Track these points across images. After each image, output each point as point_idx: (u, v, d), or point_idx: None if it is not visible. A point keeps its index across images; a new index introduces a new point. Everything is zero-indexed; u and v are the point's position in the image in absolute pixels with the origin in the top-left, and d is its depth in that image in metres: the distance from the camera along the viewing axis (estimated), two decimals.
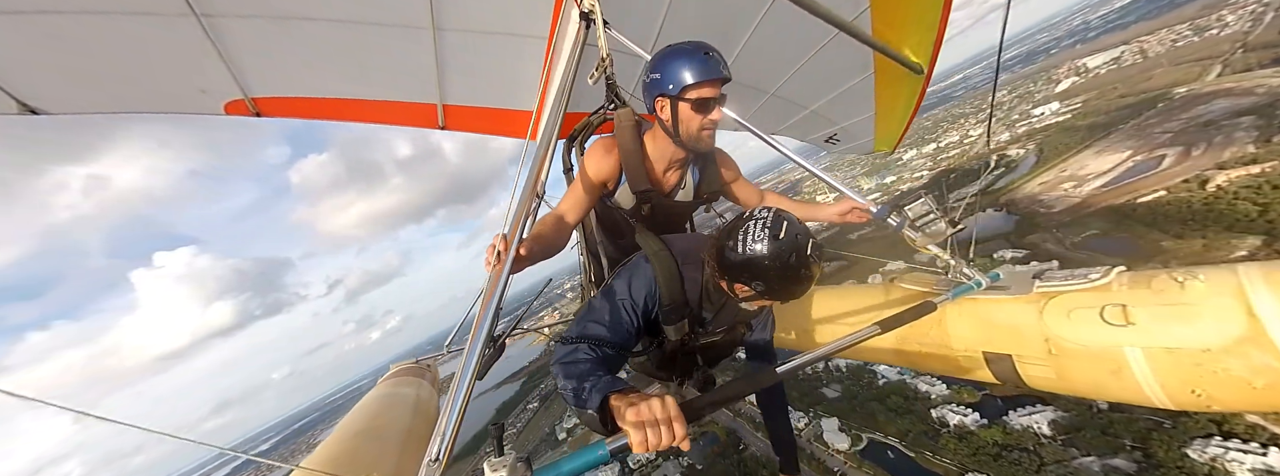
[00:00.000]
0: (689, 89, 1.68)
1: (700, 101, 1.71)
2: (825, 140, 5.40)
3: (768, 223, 1.39)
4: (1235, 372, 1.31)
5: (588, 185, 1.94)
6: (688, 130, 1.78)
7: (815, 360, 1.44)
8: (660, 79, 1.71)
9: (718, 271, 1.51)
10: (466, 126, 3.62)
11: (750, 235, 1.39)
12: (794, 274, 1.39)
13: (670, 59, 1.71)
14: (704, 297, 1.75)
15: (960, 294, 1.90)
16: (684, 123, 1.76)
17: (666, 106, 1.76)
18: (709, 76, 1.67)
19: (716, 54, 1.70)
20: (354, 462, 2.10)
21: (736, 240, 1.41)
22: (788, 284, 1.42)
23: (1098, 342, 1.57)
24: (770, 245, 1.36)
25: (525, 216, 1.59)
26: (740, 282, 1.46)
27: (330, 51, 2.65)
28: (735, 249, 1.41)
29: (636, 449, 0.98)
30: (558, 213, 1.90)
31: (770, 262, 1.37)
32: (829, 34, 3.38)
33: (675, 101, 1.72)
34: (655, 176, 1.99)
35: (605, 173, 1.94)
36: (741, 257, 1.40)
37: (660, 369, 2.08)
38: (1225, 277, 1.41)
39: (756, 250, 1.37)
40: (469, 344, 1.32)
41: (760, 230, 1.38)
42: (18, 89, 2.07)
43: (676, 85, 1.68)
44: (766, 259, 1.37)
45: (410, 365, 3.75)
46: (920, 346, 2.16)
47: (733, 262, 1.43)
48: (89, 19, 1.99)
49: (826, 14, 2.73)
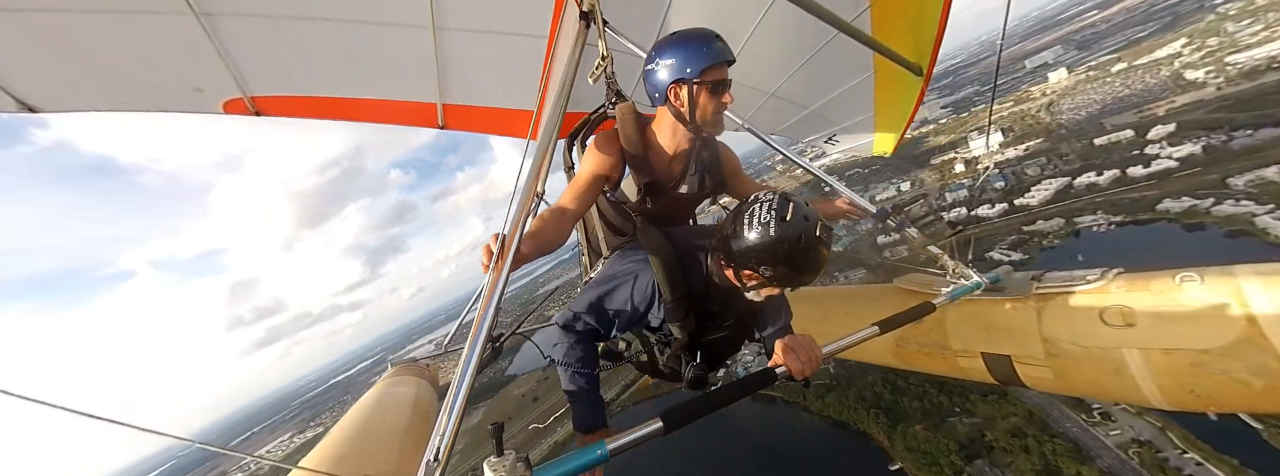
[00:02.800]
0: (707, 72, 1.69)
1: (717, 83, 1.72)
2: (824, 141, 5.40)
3: (774, 204, 1.35)
4: (1233, 373, 1.32)
5: (590, 177, 1.92)
6: (704, 114, 1.78)
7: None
8: (675, 64, 1.70)
9: (724, 259, 1.48)
10: (466, 126, 3.61)
11: (756, 218, 1.34)
12: (803, 257, 1.34)
13: (681, 45, 1.71)
14: (711, 290, 1.72)
15: (959, 295, 1.90)
16: (701, 106, 1.76)
17: (682, 91, 1.75)
18: (723, 57, 1.69)
19: (720, 37, 1.72)
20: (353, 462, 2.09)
21: (742, 224, 1.37)
22: (797, 268, 1.36)
23: (1096, 344, 1.57)
24: (778, 227, 1.31)
25: (525, 216, 1.58)
26: (748, 269, 1.41)
27: (330, 50, 2.64)
28: (741, 233, 1.37)
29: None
30: (559, 205, 1.88)
31: (778, 246, 1.32)
32: (828, 34, 3.38)
33: (692, 85, 1.72)
34: (660, 168, 1.98)
35: (608, 165, 1.93)
36: (748, 242, 1.35)
37: (662, 368, 2.07)
38: (1223, 279, 1.42)
39: (763, 233, 1.32)
40: (468, 344, 1.31)
41: (767, 212, 1.34)
42: (16, 87, 2.07)
43: (695, 68, 1.68)
44: (774, 242, 1.32)
45: (409, 364, 3.74)
46: (919, 347, 2.16)
47: (739, 249, 1.38)
48: (87, 17, 1.98)
49: (826, 14, 2.73)
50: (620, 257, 1.83)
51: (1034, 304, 1.79)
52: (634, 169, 1.93)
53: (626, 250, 1.85)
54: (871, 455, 44.72)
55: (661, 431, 1.18)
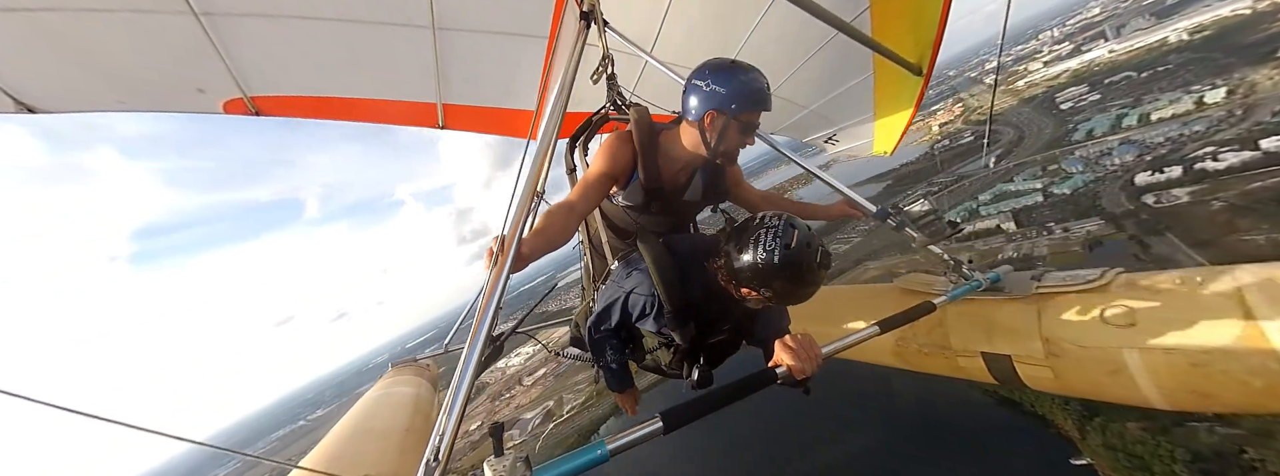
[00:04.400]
0: (747, 113, 1.74)
1: (748, 125, 1.79)
2: (824, 141, 5.41)
3: (779, 232, 1.42)
4: (1233, 374, 1.32)
5: (599, 176, 1.94)
6: (728, 146, 1.83)
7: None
8: (724, 94, 1.72)
9: (726, 276, 1.56)
10: (466, 126, 3.61)
11: (762, 244, 1.42)
12: (802, 281, 1.43)
13: (736, 78, 1.73)
14: (712, 298, 1.74)
15: (960, 294, 1.90)
16: (727, 140, 1.81)
17: (718, 120, 1.77)
18: (764, 107, 1.75)
19: (769, 86, 1.77)
20: (353, 462, 2.10)
21: (748, 248, 1.45)
22: (795, 290, 1.46)
23: (1096, 343, 1.57)
24: (782, 254, 1.39)
25: (525, 216, 1.58)
26: (749, 288, 1.50)
27: (329, 50, 2.64)
28: (745, 256, 1.45)
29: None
30: (567, 202, 1.88)
31: (780, 272, 1.40)
32: (828, 34, 3.39)
33: (729, 119, 1.75)
34: (667, 175, 2.01)
35: (620, 165, 1.95)
36: (752, 266, 1.44)
37: (667, 368, 2.09)
38: (1223, 279, 1.42)
39: (768, 259, 1.41)
40: (468, 344, 1.32)
41: (772, 239, 1.41)
42: (14, 87, 2.06)
43: (740, 107, 1.72)
44: (778, 268, 1.40)
45: (410, 364, 3.75)
46: (919, 347, 2.16)
47: (742, 269, 1.47)
48: (85, 16, 1.98)
49: (826, 14, 2.73)
50: (624, 268, 1.91)
51: (1034, 303, 1.79)
52: (645, 172, 1.95)
53: (630, 260, 1.92)
54: (1047, 442, 36.55)
55: (661, 431, 1.18)
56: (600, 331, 1.96)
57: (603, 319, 1.91)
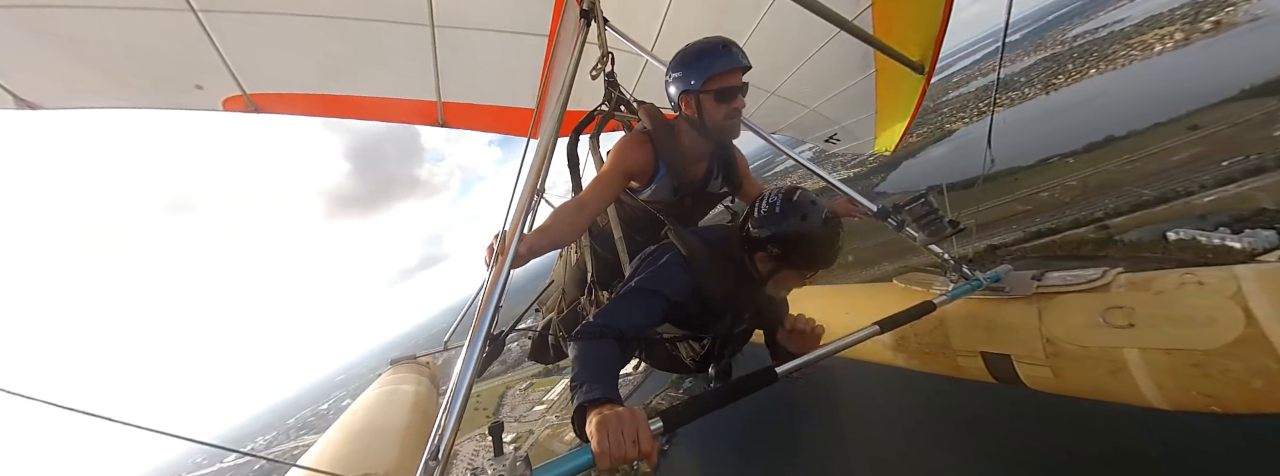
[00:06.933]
0: (711, 81, 1.74)
1: (722, 91, 1.77)
2: (825, 140, 5.39)
3: (781, 191, 1.57)
4: (1234, 374, 1.31)
5: (616, 178, 1.94)
6: (713, 120, 1.83)
7: (814, 360, 1.44)
8: (681, 76, 1.78)
9: (740, 247, 1.63)
10: (466, 123, 3.60)
11: (765, 202, 1.56)
12: (810, 235, 1.51)
13: (686, 58, 1.78)
14: (739, 287, 1.73)
15: (960, 294, 1.89)
16: (709, 114, 1.82)
17: (691, 102, 1.81)
18: (728, 67, 1.73)
19: (733, 45, 1.76)
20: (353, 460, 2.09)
21: (767, 212, 1.55)
22: (806, 246, 1.52)
23: (1096, 343, 1.57)
24: (783, 205, 1.52)
25: (525, 214, 1.58)
26: (761, 251, 1.57)
27: (329, 48, 2.63)
28: (753, 220, 1.57)
29: (597, 458, 0.99)
30: (578, 201, 1.86)
31: (786, 225, 1.50)
32: (830, 33, 3.37)
33: (698, 96, 1.78)
34: (688, 168, 2.03)
35: (639, 166, 1.95)
36: (760, 226, 1.55)
37: (692, 362, 2.07)
38: (1223, 280, 1.41)
39: (772, 215, 1.52)
40: (468, 341, 1.31)
41: (774, 196, 1.56)
42: (14, 84, 2.06)
43: (698, 80, 1.74)
44: (781, 219, 1.51)
45: (410, 361, 3.74)
46: (920, 346, 2.16)
47: (763, 234, 1.55)
48: (85, 14, 1.98)
49: (827, 13, 2.72)
50: (649, 263, 1.71)
51: (1034, 303, 1.78)
52: (671, 169, 1.96)
53: (652, 255, 1.76)
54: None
55: (661, 430, 1.18)
56: (630, 328, 1.52)
57: (629, 314, 1.55)
